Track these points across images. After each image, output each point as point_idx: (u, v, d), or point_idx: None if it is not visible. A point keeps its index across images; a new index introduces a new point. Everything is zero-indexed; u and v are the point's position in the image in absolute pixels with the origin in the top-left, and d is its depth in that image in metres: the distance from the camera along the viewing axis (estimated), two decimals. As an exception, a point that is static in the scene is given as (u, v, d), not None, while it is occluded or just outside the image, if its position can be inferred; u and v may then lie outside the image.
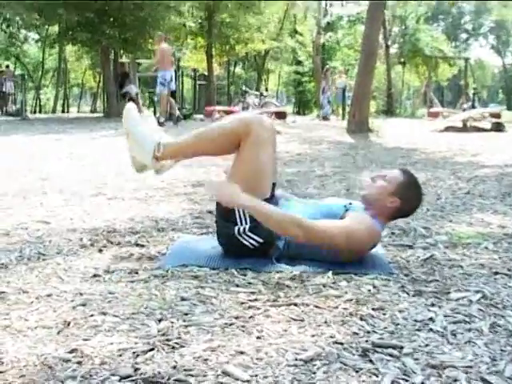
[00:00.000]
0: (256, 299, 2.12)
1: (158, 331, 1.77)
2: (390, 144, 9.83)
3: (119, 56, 19.83)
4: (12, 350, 1.63)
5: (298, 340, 1.74)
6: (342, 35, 34.73)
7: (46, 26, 21.55)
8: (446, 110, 17.50)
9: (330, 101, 20.52)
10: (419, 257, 2.84)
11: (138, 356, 1.60)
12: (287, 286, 2.31)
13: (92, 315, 1.93)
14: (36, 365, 1.55)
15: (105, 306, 2.02)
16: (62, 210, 3.91)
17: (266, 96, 20.67)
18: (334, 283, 2.35)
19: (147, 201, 4.38)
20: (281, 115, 15.12)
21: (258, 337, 1.76)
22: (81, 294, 2.15)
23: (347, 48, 33.71)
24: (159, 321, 1.87)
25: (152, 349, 1.64)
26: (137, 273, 2.48)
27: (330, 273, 2.46)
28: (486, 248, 3.02)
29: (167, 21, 17.80)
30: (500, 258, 2.82)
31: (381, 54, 25.82)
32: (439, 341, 1.76)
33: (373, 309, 2.04)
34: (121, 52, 19.72)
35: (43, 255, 2.76)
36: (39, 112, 32.34)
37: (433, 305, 2.09)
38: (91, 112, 32.20)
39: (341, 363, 1.58)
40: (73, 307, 2.01)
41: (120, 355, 1.61)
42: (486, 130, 12.80)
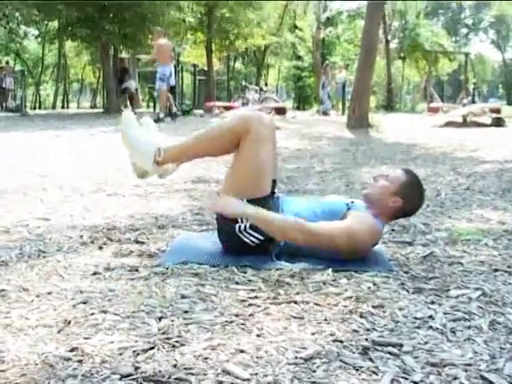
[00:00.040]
0: (256, 297, 2.13)
1: (159, 329, 1.78)
2: (390, 139, 9.83)
3: (119, 51, 19.81)
4: (13, 349, 1.63)
5: (298, 338, 1.75)
6: (342, 30, 34.73)
7: (46, 22, 21.49)
8: (446, 105, 17.48)
9: (330, 96, 20.52)
10: (419, 254, 2.85)
11: (139, 355, 1.60)
12: (287, 284, 2.31)
13: (92, 313, 1.93)
14: (37, 363, 1.55)
15: (105, 304, 2.02)
16: (62, 207, 3.91)
17: (266, 91, 20.69)
18: (334, 280, 2.35)
19: (147, 197, 4.38)
20: (280, 111, 15.12)
21: (258, 335, 1.77)
22: (81, 292, 2.16)
23: (347, 43, 33.71)
24: (159, 319, 1.87)
25: (152, 347, 1.65)
26: (137, 270, 2.48)
27: (330, 270, 2.46)
28: (486, 245, 3.03)
29: (167, 16, 17.76)
30: (500, 255, 2.82)
31: (381, 49, 25.79)
32: (439, 338, 1.76)
33: (373, 306, 2.04)
34: (120, 47, 19.70)
35: (43, 252, 2.76)
36: (39, 108, 32.35)
37: (432, 302, 2.10)
38: (91, 108, 32.19)
39: (341, 361, 1.59)
40: (73, 305, 2.02)
41: (120, 354, 1.61)
42: (486, 125, 12.79)
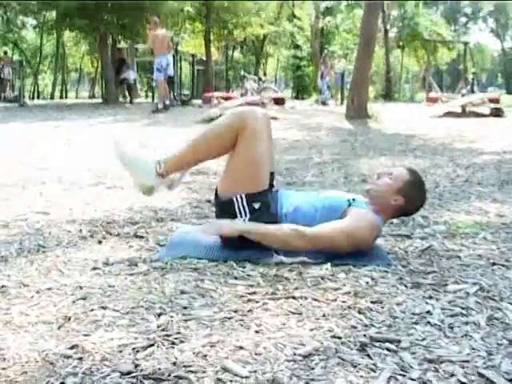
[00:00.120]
0: (255, 292, 2.14)
1: (158, 326, 1.79)
2: (389, 130, 9.83)
3: (117, 42, 19.75)
4: (13, 346, 1.64)
5: (297, 334, 1.76)
6: (341, 19, 34.60)
7: (44, 12, 21.39)
8: (445, 96, 17.45)
9: (330, 86, 20.50)
10: (417, 247, 2.86)
11: (138, 352, 1.61)
12: (286, 278, 2.32)
13: (92, 310, 1.94)
14: (37, 361, 1.56)
15: (104, 300, 2.03)
16: (61, 201, 3.91)
17: (265, 81, 20.60)
18: (333, 275, 2.36)
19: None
20: (279, 101, 15.09)
21: (257, 331, 1.78)
22: (81, 288, 2.17)
23: (346, 32, 33.59)
24: (159, 315, 1.88)
25: (152, 344, 1.66)
26: (136, 265, 2.49)
27: (329, 264, 2.47)
28: (484, 238, 3.04)
29: (165, 6, 17.69)
30: (498, 249, 2.83)
31: (379, 38, 25.72)
32: (436, 334, 1.77)
33: (371, 302, 2.05)
34: (119, 38, 19.63)
35: (43, 247, 2.77)
36: (37, 98, 32.27)
37: (430, 297, 2.11)
38: (90, 98, 32.10)
39: (339, 358, 1.60)
40: (73, 301, 2.03)
41: (120, 351, 1.62)
42: (485, 116, 12.79)
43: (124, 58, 19.12)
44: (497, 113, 12.85)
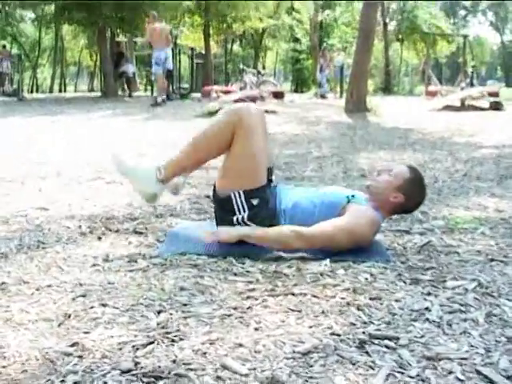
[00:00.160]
0: (254, 289, 2.14)
1: (158, 324, 1.79)
2: (388, 124, 9.83)
3: (116, 35, 19.72)
4: (14, 344, 1.65)
5: (296, 331, 1.76)
6: (340, 12, 34.50)
7: (42, 6, 21.33)
8: (445, 89, 17.43)
9: (329, 79, 20.49)
10: (416, 243, 2.87)
11: (138, 349, 1.62)
12: (285, 275, 2.32)
13: (92, 307, 1.95)
14: (38, 359, 1.57)
15: (104, 297, 2.04)
16: (61, 196, 3.91)
17: (264, 74, 20.58)
18: (332, 271, 2.37)
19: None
20: (278, 95, 15.07)
21: (256, 328, 1.79)
22: (80, 285, 2.17)
23: (345, 25, 33.51)
24: (158, 313, 1.89)
25: (152, 342, 1.66)
26: (136, 261, 2.50)
27: (328, 261, 2.47)
28: (483, 233, 3.05)
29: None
30: (496, 244, 2.84)
31: (379, 32, 25.67)
32: (435, 331, 1.78)
33: (370, 298, 2.06)
34: (117, 31, 19.60)
35: (43, 244, 2.77)
36: (36, 91, 32.26)
37: (429, 294, 2.12)
38: (88, 91, 32.09)
39: (338, 356, 1.60)
40: (73, 298, 2.03)
41: (120, 349, 1.63)
42: (484, 109, 12.78)
43: (122, 52, 19.11)
44: (496, 106, 12.85)
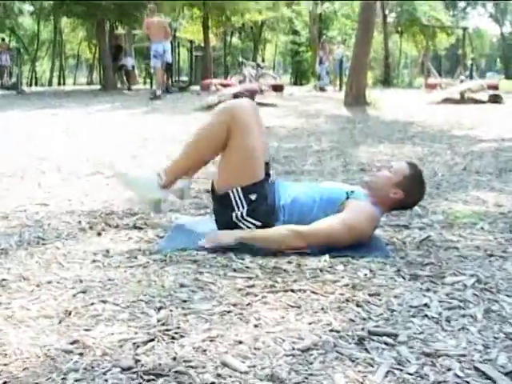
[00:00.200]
0: (253, 285, 2.15)
1: (158, 320, 1.80)
2: (388, 117, 9.82)
3: (115, 28, 19.67)
4: (15, 342, 1.65)
5: (295, 328, 1.77)
6: (339, 4, 34.42)
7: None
8: (444, 82, 17.38)
9: (328, 72, 20.45)
10: (415, 238, 2.87)
11: (139, 347, 1.63)
12: (284, 271, 2.33)
13: (92, 303, 1.95)
14: (39, 356, 1.57)
15: (104, 294, 2.05)
16: (60, 191, 3.92)
17: (263, 67, 20.53)
18: (331, 267, 2.38)
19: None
20: (278, 88, 15.05)
21: (256, 325, 1.79)
22: (81, 281, 2.18)
23: (344, 17, 33.45)
24: (159, 309, 1.90)
25: (152, 339, 1.67)
26: (136, 257, 2.50)
27: (327, 256, 2.48)
28: (482, 228, 3.05)
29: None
30: (495, 239, 2.85)
31: (378, 24, 25.59)
32: (434, 328, 1.79)
33: (369, 294, 2.06)
34: (116, 24, 19.56)
35: (43, 239, 2.78)
36: (35, 84, 32.22)
37: (428, 290, 2.12)
38: (88, 84, 32.05)
39: (337, 352, 1.61)
40: (73, 295, 2.04)
41: (121, 346, 1.63)
42: (484, 102, 12.76)
43: (121, 45, 19.06)
44: (495, 99, 12.82)
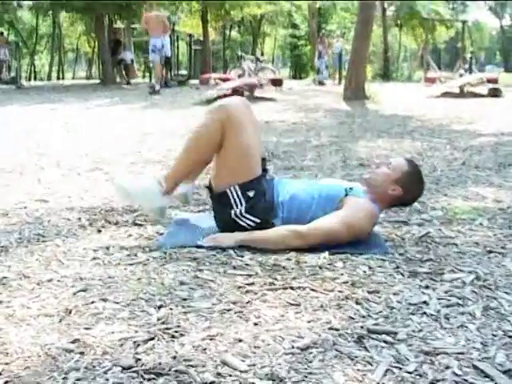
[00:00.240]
0: (253, 283, 2.16)
1: (158, 319, 1.81)
2: (387, 111, 9.81)
3: (114, 22, 19.64)
4: (16, 340, 1.66)
5: (295, 326, 1.78)
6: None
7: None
8: (444, 76, 17.36)
9: (328, 65, 20.44)
10: (414, 234, 2.88)
11: (139, 346, 1.63)
12: (284, 268, 2.34)
13: (93, 302, 1.96)
14: (40, 355, 1.58)
15: (105, 292, 2.06)
16: (60, 187, 3.92)
17: (262, 61, 20.50)
18: (330, 264, 2.38)
19: (144, 175, 4.39)
20: (277, 82, 15.04)
21: (256, 323, 1.80)
22: (81, 279, 2.19)
23: (343, 11, 33.39)
24: (159, 308, 1.91)
25: (152, 338, 1.68)
26: (136, 255, 2.51)
27: (327, 253, 2.49)
28: (481, 224, 3.06)
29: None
30: (494, 235, 2.86)
31: (377, 17, 25.55)
32: (432, 325, 1.80)
33: (368, 292, 2.08)
34: (115, 18, 19.53)
35: (43, 237, 2.79)
36: (34, 79, 32.16)
37: (427, 287, 2.13)
38: (87, 78, 32.01)
39: (336, 351, 1.62)
40: (73, 293, 2.05)
41: (121, 345, 1.64)
42: (483, 96, 12.76)
43: (119, 39, 19.02)
44: (495, 93, 12.81)
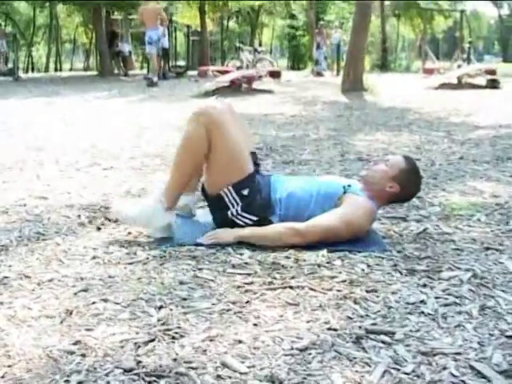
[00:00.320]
0: (252, 282, 2.18)
1: (158, 320, 1.83)
2: (385, 103, 9.80)
3: (111, 13, 19.59)
4: (17, 343, 1.68)
5: (294, 326, 1.80)
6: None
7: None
8: (442, 67, 17.34)
9: (326, 56, 20.41)
10: (412, 230, 2.90)
11: (140, 347, 1.65)
12: (282, 266, 2.35)
13: (93, 302, 1.98)
14: (42, 357, 1.60)
15: (105, 292, 2.07)
16: (59, 183, 3.93)
17: (261, 52, 20.47)
18: (329, 263, 2.40)
19: (143, 170, 4.40)
20: (275, 74, 15.04)
21: (255, 324, 1.82)
22: (81, 279, 2.20)
23: (341, 1, 33.26)
24: (159, 308, 1.92)
25: (153, 339, 1.70)
26: (135, 253, 2.52)
27: (325, 251, 2.51)
28: (479, 220, 3.07)
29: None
30: (492, 231, 2.87)
31: (375, 7, 25.47)
32: (430, 325, 1.82)
33: (366, 291, 2.09)
34: (112, 9, 19.48)
35: (43, 235, 2.80)
36: (32, 70, 32.05)
37: (425, 285, 2.15)
38: (84, 69, 31.93)
39: (335, 352, 1.64)
40: (74, 293, 2.07)
41: (122, 347, 1.66)
42: (481, 87, 12.75)
43: (115, 31, 18.96)
44: (493, 84, 12.79)
